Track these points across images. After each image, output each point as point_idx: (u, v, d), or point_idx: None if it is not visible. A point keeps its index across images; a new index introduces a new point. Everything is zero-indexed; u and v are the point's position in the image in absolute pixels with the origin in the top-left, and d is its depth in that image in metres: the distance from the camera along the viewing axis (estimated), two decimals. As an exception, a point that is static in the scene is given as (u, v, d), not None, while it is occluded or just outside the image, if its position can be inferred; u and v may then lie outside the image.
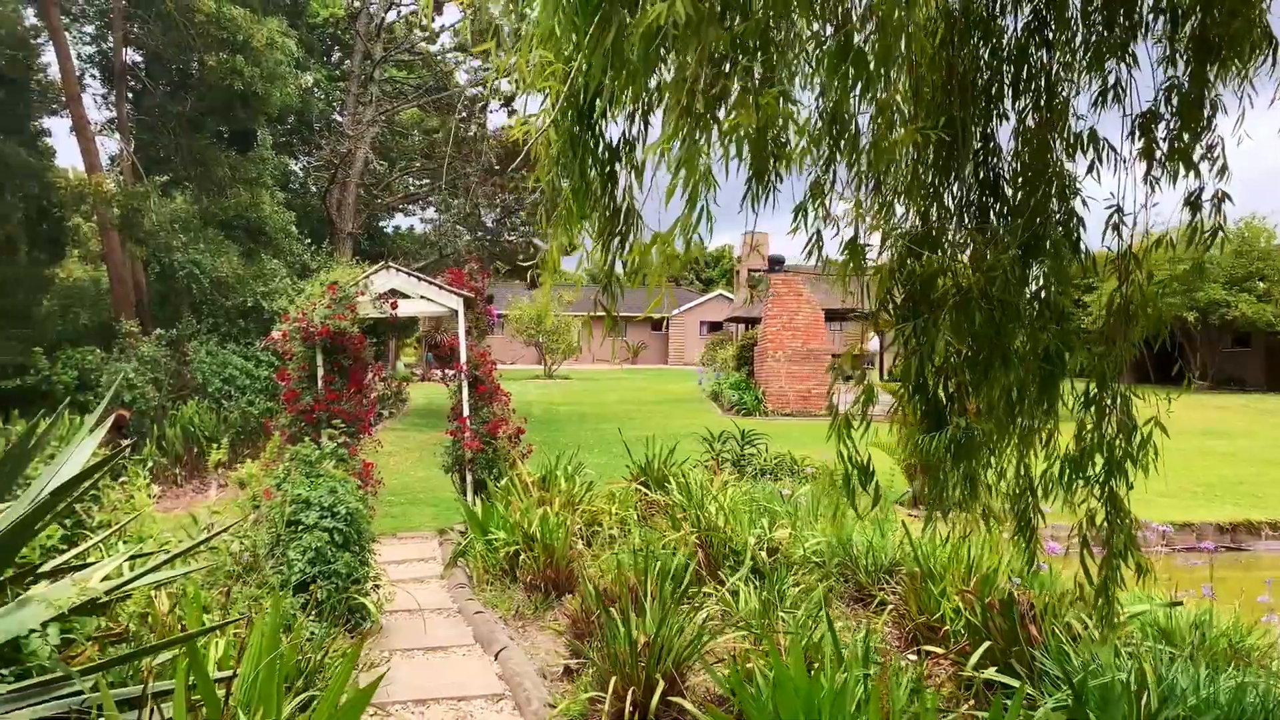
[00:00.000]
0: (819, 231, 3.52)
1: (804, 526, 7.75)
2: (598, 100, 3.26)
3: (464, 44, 27.24)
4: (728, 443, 11.90)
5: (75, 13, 21.62)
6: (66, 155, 43.90)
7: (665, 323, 55.68)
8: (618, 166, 3.42)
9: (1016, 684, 4.63)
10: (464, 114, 26.87)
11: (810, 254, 3.52)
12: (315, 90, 26.01)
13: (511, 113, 27.09)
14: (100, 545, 5.02)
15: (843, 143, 3.32)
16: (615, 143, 3.36)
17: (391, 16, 27.58)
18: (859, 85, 3.01)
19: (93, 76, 22.46)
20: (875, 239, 3.74)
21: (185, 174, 20.72)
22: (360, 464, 9.44)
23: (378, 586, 6.85)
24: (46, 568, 4.02)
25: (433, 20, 25.87)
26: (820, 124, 3.24)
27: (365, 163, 26.30)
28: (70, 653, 3.82)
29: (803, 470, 10.91)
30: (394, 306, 10.98)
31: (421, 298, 11.29)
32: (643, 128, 3.36)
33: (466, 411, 11.09)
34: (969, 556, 6.00)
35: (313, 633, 5.31)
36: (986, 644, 4.99)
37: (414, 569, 8.86)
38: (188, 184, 20.51)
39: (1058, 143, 3.81)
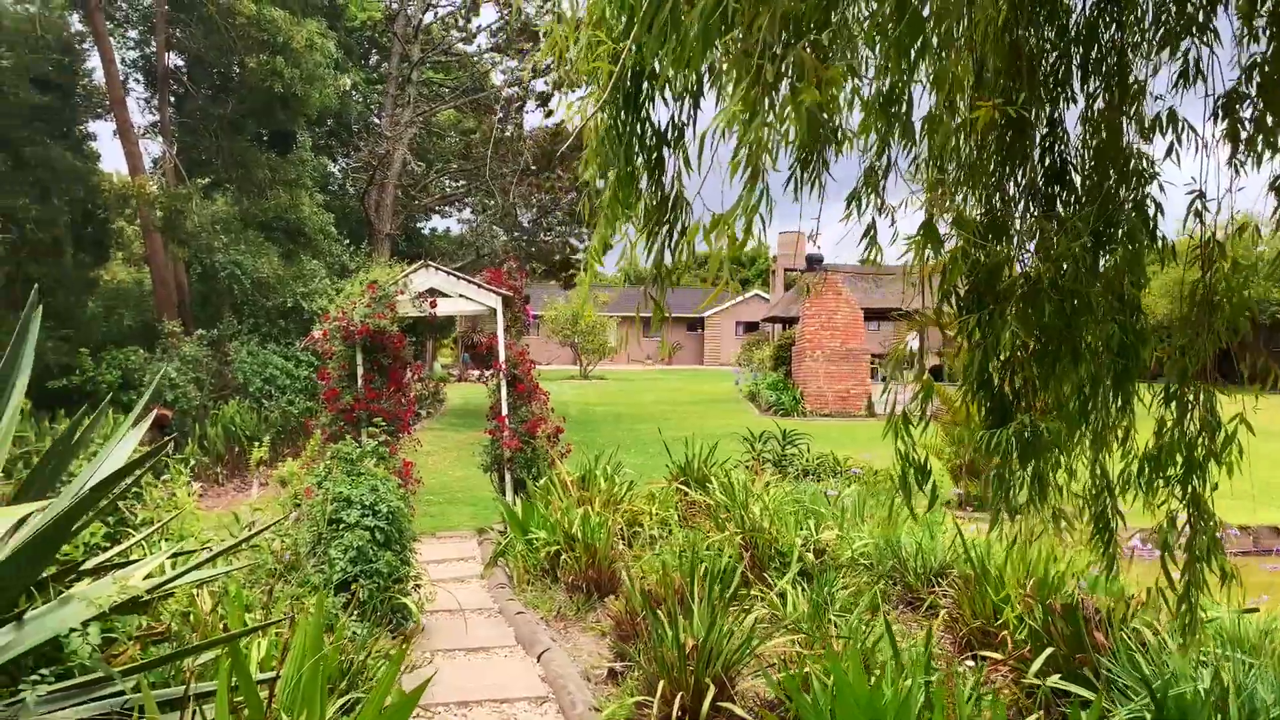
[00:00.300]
0: (874, 221, 3.38)
1: (850, 528, 7.57)
2: (645, 84, 3.15)
3: (501, 44, 27.29)
4: (768, 443, 11.72)
5: (119, 18, 21.92)
6: (111, 159, 44.68)
7: (701, 323, 55.52)
8: (666, 152, 3.30)
9: (1081, 692, 4.45)
10: (501, 114, 26.86)
11: (868, 245, 3.38)
12: (353, 93, 26.14)
13: (549, 114, 27.11)
14: (142, 543, 4.98)
15: (898, 126, 3.17)
16: (663, 127, 3.25)
17: (428, 18, 27.67)
18: (914, 50, 2.84)
19: (136, 80, 22.79)
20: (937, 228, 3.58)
21: (226, 176, 20.90)
22: (400, 463, 9.41)
23: (418, 586, 6.78)
24: (89, 565, 3.97)
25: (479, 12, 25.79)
26: (878, 104, 3.09)
27: (403, 164, 26.40)
28: (111, 652, 3.75)
29: (846, 471, 10.71)
30: (433, 305, 10.93)
31: (460, 296, 11.24)
32: (693, 112, 3.24)
33: (505, 410, 11.02)
34: (1027, 559, 5.79)
35: (355, 633, 5.24)
36: (1049, 650, 4.80)
37: (454, 568, 8.80)
38: (229, 186, 20.69)
39: (1130, 126, 3.63)
